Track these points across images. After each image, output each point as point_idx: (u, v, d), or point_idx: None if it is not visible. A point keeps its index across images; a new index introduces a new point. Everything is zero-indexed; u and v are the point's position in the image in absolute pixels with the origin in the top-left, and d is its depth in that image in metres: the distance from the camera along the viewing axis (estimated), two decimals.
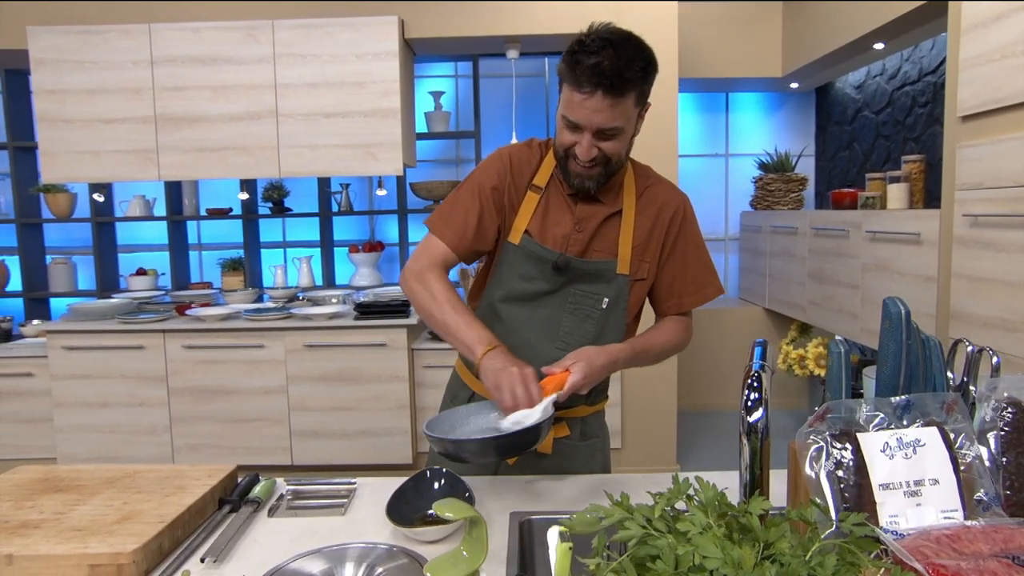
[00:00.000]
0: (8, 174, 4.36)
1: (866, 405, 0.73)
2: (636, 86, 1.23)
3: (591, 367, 1.23)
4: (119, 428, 3.37)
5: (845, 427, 0.73)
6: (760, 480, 0.73)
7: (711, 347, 4.53)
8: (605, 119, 1.23)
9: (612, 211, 1.39)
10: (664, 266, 1.43)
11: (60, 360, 3.35)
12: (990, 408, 0.75)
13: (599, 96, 1.20)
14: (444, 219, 1.38)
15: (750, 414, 0.73)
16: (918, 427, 0.72)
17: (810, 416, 0.73)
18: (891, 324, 0.79)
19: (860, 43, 3.49)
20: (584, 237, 1.37)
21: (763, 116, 4.85)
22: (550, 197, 1.40)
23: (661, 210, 1.42)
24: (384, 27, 3.30)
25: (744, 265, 4.79)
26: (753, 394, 0.75)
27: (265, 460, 3.40)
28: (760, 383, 0.77)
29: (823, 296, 3.56)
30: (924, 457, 0.72)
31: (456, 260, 1.38)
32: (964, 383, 0.81)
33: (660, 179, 1.48)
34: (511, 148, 1.44)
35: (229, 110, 3.35)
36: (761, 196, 4.45)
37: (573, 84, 1.22)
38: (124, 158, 3.40)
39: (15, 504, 1.23)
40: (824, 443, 0.71)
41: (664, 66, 3.33)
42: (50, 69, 3.36)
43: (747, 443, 0.73)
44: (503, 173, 1.39)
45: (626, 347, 1.33)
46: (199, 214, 4.34)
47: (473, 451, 1.16)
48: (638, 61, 1.21)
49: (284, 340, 3.33)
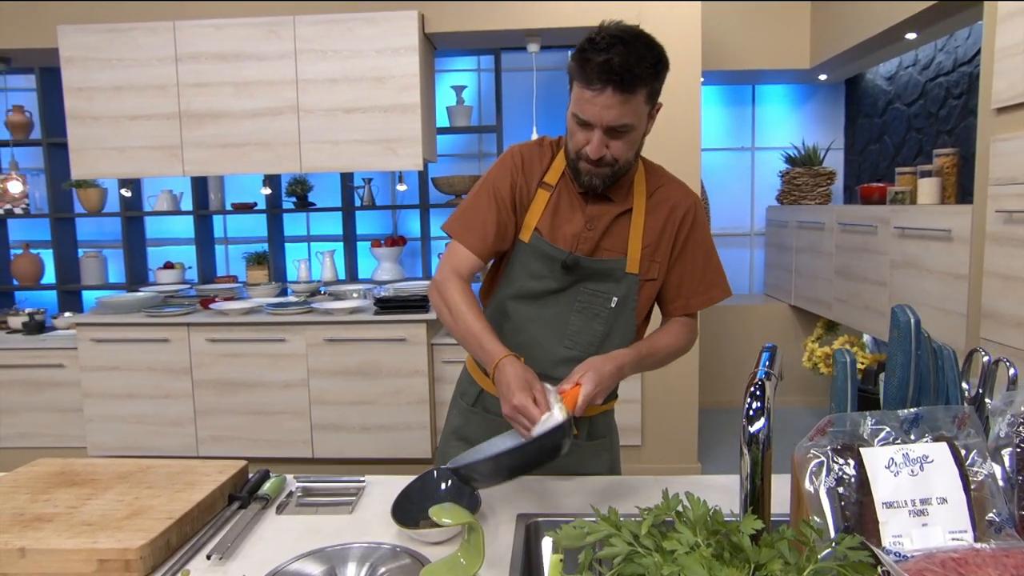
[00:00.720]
0: (43, 169, 4.47)
1: (871, 418, 0.70)
2: (646, 83, 1.21)
3: (600, 375, 1.22)
4: (145, 419, 3.44)
5: (848, 441, 0.70)
6: (761, 492, 0.71)
7: (736, 344, 4.47)
8: (615, 116, 1.21)
9: (622, 210, 1.38)
10: (673, 267, 1.42)
11: (89, 352, 3.42)
12: (1005, 423, 0.71)
13: (609, 93, 1.19)
14: (463, 224, 1.38)
15: (751, 424, 0.71)
16: (926, 442, 0.69)
17: None
18: (899, 333, 0.75)
19: (891, 33, 3.39)
20: (594, 236, 1.36)
21: (790, 109, 4.75)
22: (561, 195, 1.39)
23: (672, 210, 1.40)
24: (404, 22, 3.29)
25: (770, 261, 4.71)
26: (755, 403, 0.72)
27: (286, 453, 3.44)
28: (763, 391, 0.74)
29: (850, 293, 3.48)
30: (932, 474, 0.68)
31: (480, 264, 1.38)
32: (979, 395, 0.77)
33: (672, 179, 1.46)
34: (522, 146, 1.43)
35: (251, 106, 3.38)
36: (787, 190, 4.36)
37: (583, 82, 1.21)
38: (149, 154, 3.45)
39: (32, 497, 1.26)
40: (825, 457, 0.68)
41: (687, 60, 3.31)
42: (79, 67, 3.42)
43: (747, 453, 0.70)
44: (515, 171, 1.39)
45: (631, 352, 1.32)
46: (224, 209, 4.40)
47: (486, 472, 1.12)
48: (648, 58, 1.20)
49: (305, 334, 3.36)
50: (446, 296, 1.33)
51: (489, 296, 1.48)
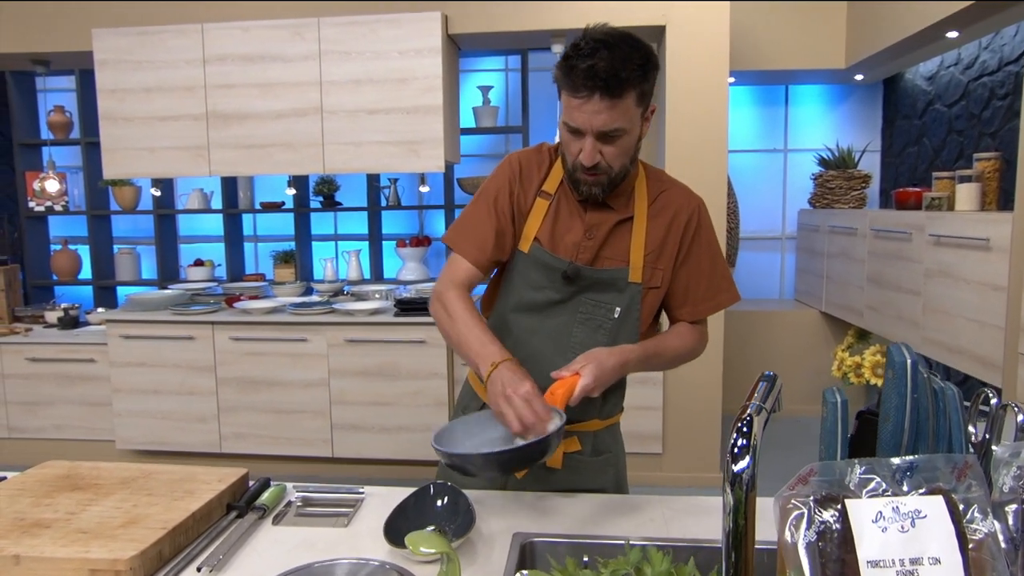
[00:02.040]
0: (81, 168, 4.59)
1: (860, 466, 0.65)
2: (634, 86, 1.19)
3: (602, 369, 1.19)
4: (171, 415, 3.51)
5: (832, 491, 0.65)
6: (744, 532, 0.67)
7: (763, 350, 4.36)
8: (605, 121, 1.19)
9: (623, 217, 1.35)
10: (678, 272, 1.38)
11: (119, 348, 3.50)
12: (1010, 476, 0.64)
13: (596, 99, 1.17)
14: (462, 234, 1.37)
15: (735, 462, 0.66)
16: (920, 494, 0.63)
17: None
18: (895, 375, 0.70)
19: (931, 32, 3.25)
20: (594, 244, 1.33)
21: (825, 110, 4.62)
22: (560, 203, 1.36)
23: (675, 215, 1.37)
24: (427, 23, 3.28)
25: (801, 265, 4.58)
26: (741, 440, 0.68)
27: (306, 451, 3.47)
28: (751, 428, 0.70)
29: (882, 301, 3.36)
30: (924, 531, 0.62)
31: (480, 276, 1.37)
32: (986, 441, 0.71)
33: (674, 183, 1.42)
34: (520, 153, 1.41)
35: (276, 107, 3.41)
36: (820, 194, 4.24)
37: (570, 89, 1.20)
38: (178, 154, 3.51)
39: (35, 501, 1.27)
40: (807, 508, 0.63)
41: (714, 60, 3.24)
42: (112, 69, 3.49)
43: (730, 494, 0.66)
44: (513, 180, 1.37)
45: (638, 348, 1.29)
46: (253, 207, 4.46)
47: (479, 465, 1.13)
48: (635, 60, 1.17)
49: (326, 334, 3.38)
50: (446, 303, 1.31)
51: (490, 309, 1.46)
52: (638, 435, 3.40)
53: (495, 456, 1.11)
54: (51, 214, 4.66)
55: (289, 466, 3.58)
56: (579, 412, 1.38)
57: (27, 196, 4.57)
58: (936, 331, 2.88)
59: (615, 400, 1.45)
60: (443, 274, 1.37)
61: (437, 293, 1.35)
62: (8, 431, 3.75)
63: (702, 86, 3.25)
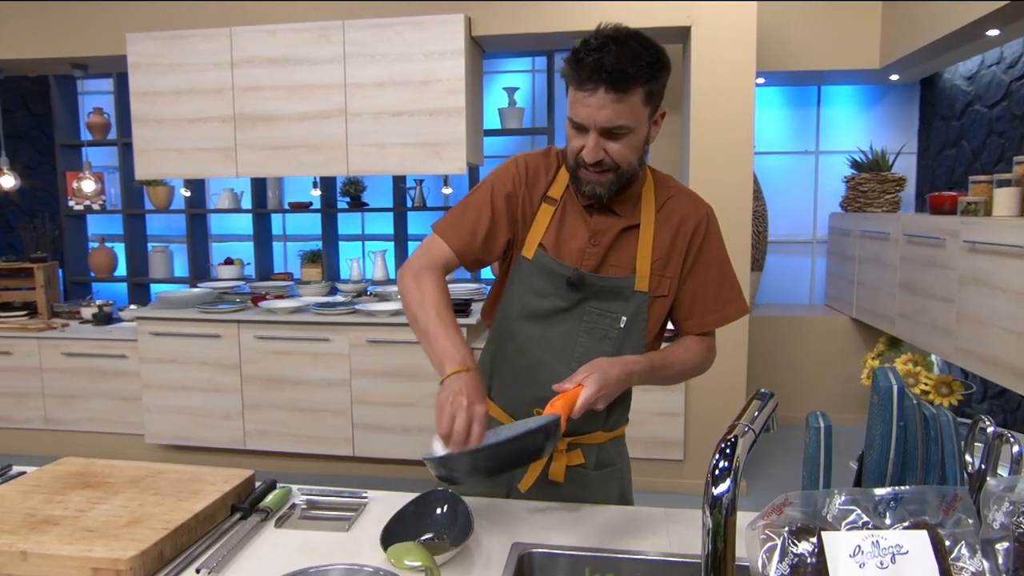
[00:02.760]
0: (117, 168, 4.72)
1: (840, 496, 0.62)
2: (641, 83, 1.16)
3: (605, 380, 1.15)
4: (197, 411, 3.58)
5: (809, 522, 0.62)
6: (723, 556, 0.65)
7: (791, 356, 4.27)
8: (609, 116, 1.16)
9: (629, 224, 1.32)
10: (685, 282, 1.35)
11: (148, 344, 3.58)
12: (1002, 512, 0.59)
13: (601, 93, 1.15)
14: (452, 223, 1.34)
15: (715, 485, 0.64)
16: (903, 529, 0.60)
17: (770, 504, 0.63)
18: (880, 400, 0.67)
19: (970, 30, 3.14)
20: (599, 251, 1.31)
21: (858, 111, 4.50)
22: (566, 209, 1.34)
23: (683, 222, 1.33)
24: (450, 25, 3.29)
25: (832, 270, 4.48)
26: (723, 462, 0.66)
27: (328, 450, 3.50)
28: (734, 450, 0.68)
29: (915, 309, 3.26)
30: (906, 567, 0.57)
31: (457, 264, 1.34)
32: (981, 473, 0.67)
33: (683, 190, 1.38)
34: (527, 156, 1.39)
35: (301, 109, 3.46)
36: (852, 197, 4.13)
37: (576, 83, 1.18)
38: (206, 155, 3.58)
39: (47, 497, 1.30)
40: (780, 539, 0.61)
41: (741, 61, 3.17)
42: (144, 72, 3.58)
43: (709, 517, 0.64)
44: (518, 181, 1.34)
45: (643, 360, 1.26)
46: (282, 207, 4.53)
47: (466, 466, 1.08)
48: (643, 57, 1.15)
49: (348, 335, 3.41)
50: (422, 283, 1.27)
51: (491, 316, 1.44)
52: (659, 441, 3.36)
53: (482, 452, 1.06)
54: (89, 213, 4.80)
55: (311, 464, 3.62)
56: (583, 424, 1.34)
57: (67, 195, 4.72)
58: (970, 341, 2.78)
59: (620, 411, 1.42)
60: (421, 251, 1.33)
61: (414, 269, 1.30)
62: (45, 423, 3.88)
63: (728, 88, 3.19)
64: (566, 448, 1.36)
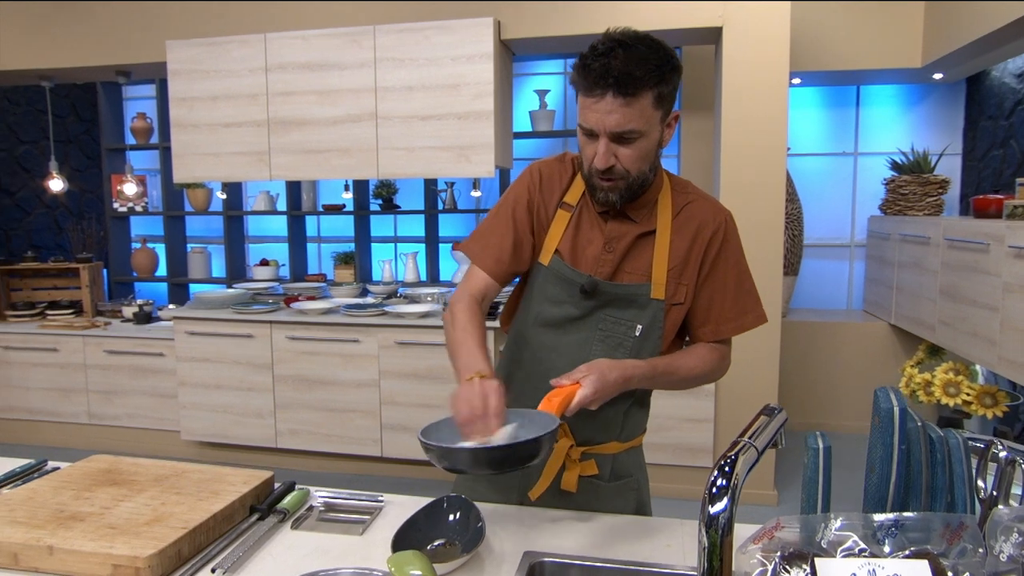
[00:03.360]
0: (159, 171, 4.86)
1: (838, 520, 0.59)
2: (650, 86, 1.14)
3: (603, 382, 1.14)
4: (231, 409, 3.66)
5: (802, 547, 0.60)
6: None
7: (827, 362, 4.17)
8: (617, 121, 1.15)
9: (645, 230, 1.30)
10: (701, 289, 1.32)
11: (184, 344, 3.68)
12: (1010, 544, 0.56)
13: (610, 98, 1.14)
14: (481, 244, 1.35)
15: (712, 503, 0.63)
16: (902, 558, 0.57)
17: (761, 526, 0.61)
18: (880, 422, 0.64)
19: (1019, 26, 3.02)
20: (614, 258, 1.29)
21: (899, 111, 4.36)
22: (582, 215, 1.33)
23: (700, 229, 1.31)
24: (479, 29, 3.29)
25: (870, 275, 4.35)
26: (721, 480, 0.64)
27: (357, 450, 3.55)
28: (733, 468, 0.66)
29: (956, 316, 3.15)
30: None
31: (497, 287, 1.35)
32: (994, 499, 0.63)
33: (701, 195, 1.36)
34: (542, 163, 1.38)
35: (333, 113, 3.51)
36: (892, 200, 4.01)
37: (584, 89, 1.17)
38: (241, 159, 3.66)
39: (76, 494, 1.34)
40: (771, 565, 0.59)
41: (774, 61, 3.11)
42: (183, 79, 3.67)
43: (705, 536, 0.63)
44: (533, 189, 1.34)
45: (644, 365, 1.23)
46: (316, 210, 4.60)
47: (464, 461, 1.07)
48: (652, 60, 1.14)
49: (378, 336, 3.44)
50: (454, 312, 1.29)
51: (509, 323, 1.44)
52: (688, 448, 3.31)
53: (484, 452, 1.05)
54: (132, 215, 4.96)
55: (340, 463, 3.67)
56: (597, 433, 1.35)
57: (112, 198, 4.88)
58: (1015, 350, 2.67)
59: (637, 420, 1.40)
60: (460, 284, 1.36)
61: (451, 302, 1.34)
62: (89, 417, 4.01)
63: (761, 88, 3.13)
64: (579, 458, 1.34)
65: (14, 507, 1.29)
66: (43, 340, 4.01)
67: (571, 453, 1.33)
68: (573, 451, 1.34)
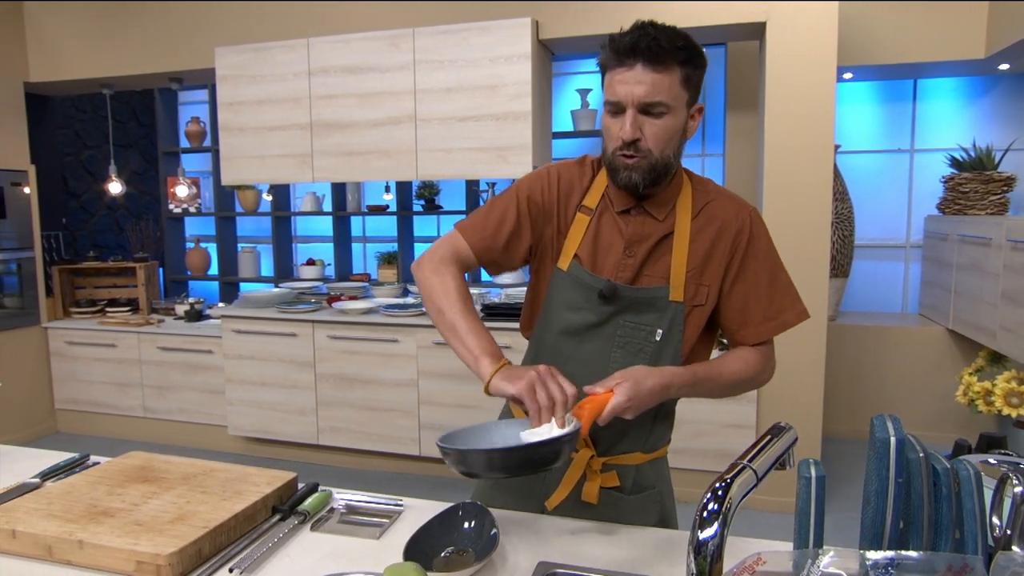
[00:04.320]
0: (211, 173, 5.02)
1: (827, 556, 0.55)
2: (678, 61, 1.16)
3: (637, 390, 1.11)
4: (275, 406, 3.75)
5: None
6: None
7: (880, 367, 4.00)
8: (647, 91, 1.15)
9: (664, 233, 1.27)
10: (733, 291, 1.28)
11: (231, 341, 3.79)
12: None
13: (639, 68, 1.15)
14: (475, 223, 1.32)
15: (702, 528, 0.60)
16: None
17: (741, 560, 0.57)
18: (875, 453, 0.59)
19: None
20: (635, 262, 1.27)
21: (960, 105, 4.15)
22: (602, 219, 1.30)
23: (723, 229, 1.27)
24: (517, 30, 3.28)
25: (927, 277, 4.16)
26: (713, 504, 0.61)
27: (395, 449, 3.59)
28: (727, 492, 0.63)
29: (1019, 322, 2.98)
30: None
31: (475, 263, 1.33)
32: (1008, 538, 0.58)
33: (722, 193, 1.32)
34: (561, 165, 1.36)
35: (373, 116, 3.55)
36: (951, 198, 3.82)
37: (614, 62, 1.18)
38: (285, 162, 3.75)
39: (109, 490, 1.39)
40: None
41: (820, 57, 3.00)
42: (230, 84, 3.78)
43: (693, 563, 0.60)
44: (548, 191, 1.32)
45: (685, 372, 1.20)
46: (361, 210, 4.68)
47: (479, 464, 1.06)
48: (678, 39, 1.17)
49: (416, 336, 3.48)
50: (444, 277, 1.26)
51: (529, 330, 1.42)
52: (729, 454, 3.23)
53: (498, 453, 1.05)
54: (187, 215, 5.13)
55: (379, 462, 3.72)
56: (619, 443, 1.32)
57: (167, 199, 5.06)
58: None
59: (661, 431, 1.36)
60: (439, 244, 1.32)
61: (434, 261, 1.29)
62: (144, 411, 4.18)
63: (807, 85, 3.03)
64: (600, 468, 1.31)
65: (52, 500, 1.34)
66: (102, 336, 4.19)
67: (592, 464, 1.31)
68: (594, 461, 1.31)
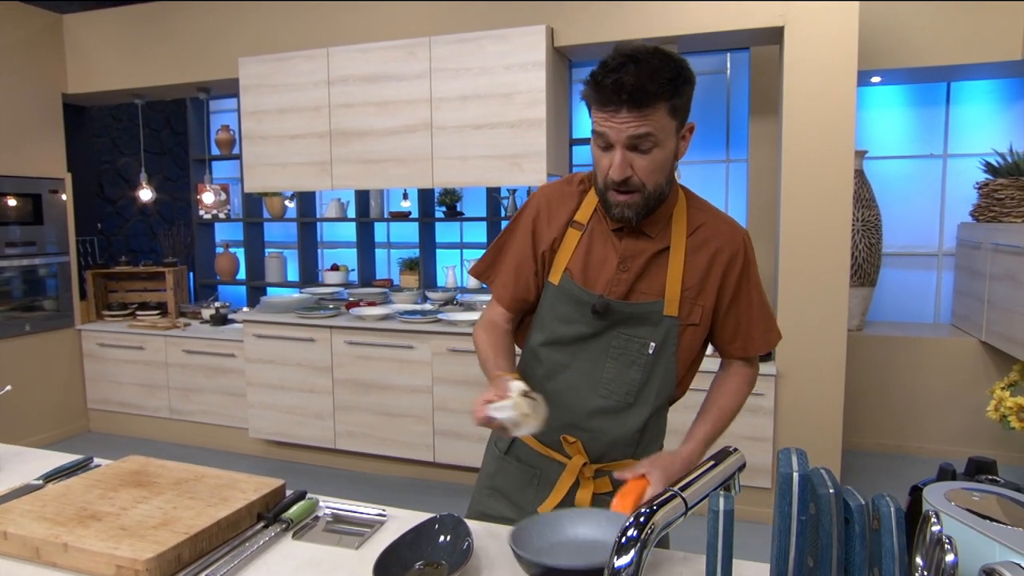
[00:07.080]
0: (239, 179, 5.14)
1: None
2: (664, 99, 1.13)
3: (668, 477, 1.19)
4: (294, 410, 3.81)
5: None
6: None
7: (908, 379, 3.87)
8: (634, 128, 1.14)
9: (659, 248, 1.28)
10: (728, 313, 1.32)
11: (252, 345, 3.86)
12: None
13: (624, 112, 1.13)
14: (492, 270, 1.43)
15: (619, 555, 0.59)
16: None
17: None
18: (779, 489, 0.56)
19: None
20: (629, 278, 1.27)
21: (996, 108, 4.00)
22: (593, 234, 1.31)
23: (719, 252, 1.28)
24: (532, 38, 3.28)
25: (959, 287, 4.01)
26: (632, 531, 0.60)
27: (410, 454, 3.60)
28: (648, 519, 0.61)
29: None
30: None
31: (510, 315, 1.41)
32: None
33: (717, 215, 1.33)
34: (547, 188, 1.39)
35: (390, 124, 3.58)
36: (986, 205, 3.68)
37: (598, 104, 1.16)
38: (305, 169, 3.81)
39: (102, 493, 1.42)
40: None
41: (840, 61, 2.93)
42: (253, 93, 3.86)
43: None
44: (537, 217, 1.36)
45: (699, 446, 1.30)
46: (384, 216, 4.72)
47: None
48: (664, 73, 1.12)
49: (431, 343, 3.49)
50: (476, 337, 1.40)
51: (523, 341, 1.45)
52: (747, 467, 3.16)
53: None
54: (216, 221, 5.25)
55: (394, 467, 3.75)
56: (611, 450, 1.34)
57: (197, 205, 5.19)
58: None
59: (652, 436, 1.37)
60: (484, 310, 1.46)
61: (475, 328, 1.44)
62: (170, 412, 4.28)
63: (826, 90, 2.95)
64: (593, 475, 1.33)
65: (47, 503, 1.38)
66: (131, 339, 4.32)
67: (584, 470, 1.33)
68: (587, 468, 1.33)
